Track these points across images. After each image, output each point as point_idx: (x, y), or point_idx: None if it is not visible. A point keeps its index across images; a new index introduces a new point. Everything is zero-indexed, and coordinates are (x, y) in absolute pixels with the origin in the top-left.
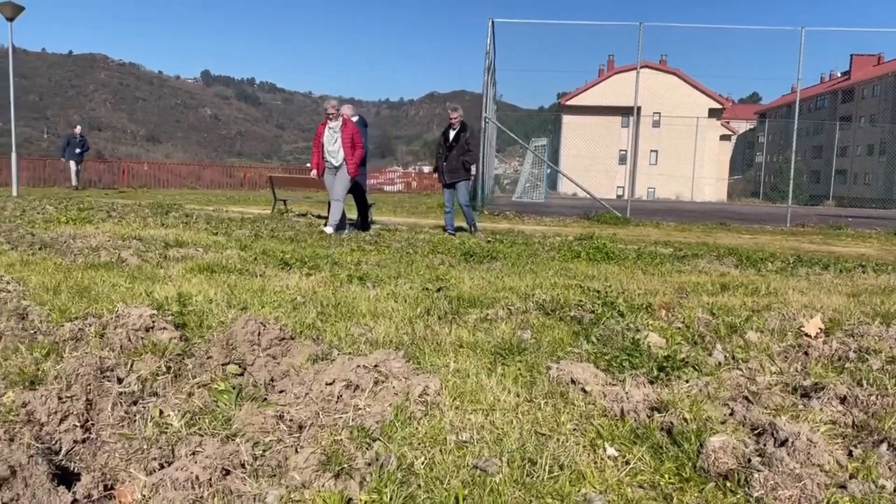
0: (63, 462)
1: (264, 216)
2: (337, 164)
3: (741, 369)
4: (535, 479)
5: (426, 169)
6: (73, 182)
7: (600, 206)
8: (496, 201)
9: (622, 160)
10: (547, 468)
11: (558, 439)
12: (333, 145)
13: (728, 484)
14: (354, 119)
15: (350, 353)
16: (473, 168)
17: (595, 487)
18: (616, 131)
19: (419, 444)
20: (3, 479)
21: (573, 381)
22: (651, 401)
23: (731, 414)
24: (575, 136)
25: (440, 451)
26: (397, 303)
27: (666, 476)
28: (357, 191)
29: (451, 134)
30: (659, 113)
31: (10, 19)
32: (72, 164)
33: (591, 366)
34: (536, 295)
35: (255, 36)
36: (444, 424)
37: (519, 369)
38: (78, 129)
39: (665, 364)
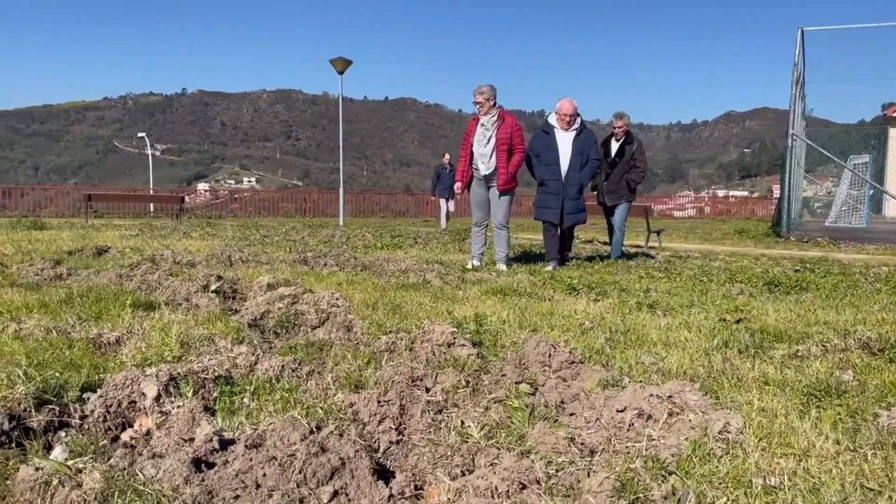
0: (381, 459)
1: None
2: (487, 172)
3: None
4: None
5: (720, 193)
6: (443, 223)
7: None
8: (805, 226)
9: None
10: None
11: (890, 497)
12: (485, 146)
13: None
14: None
15: (641, 382)
16: (639, 188)
17: None
18: None
19: (720, 483)
20: (335, 469)
21: None
22: None
23: None
24: None
25: (744, 493)
26: (691, 332)
27: None
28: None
29: (615, 146)
30: None
31: (341, 72)
32: (442, 202)
33: None
34: (859, 331)
35: (544, 68)
36: (749, 465)
37: (838, 414)
38: (447, 158)
39: None
